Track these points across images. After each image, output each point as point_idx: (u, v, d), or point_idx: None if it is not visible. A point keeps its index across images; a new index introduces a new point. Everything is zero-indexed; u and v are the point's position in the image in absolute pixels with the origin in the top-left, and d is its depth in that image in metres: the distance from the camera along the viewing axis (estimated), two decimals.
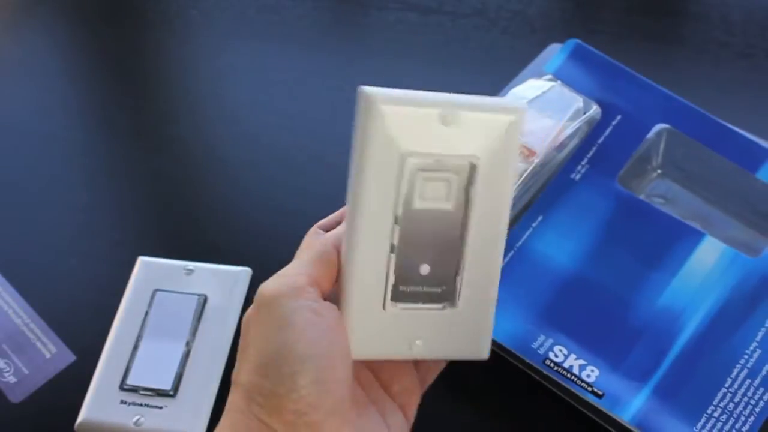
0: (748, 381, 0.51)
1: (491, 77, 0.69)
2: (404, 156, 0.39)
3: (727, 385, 0.51)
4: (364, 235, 0.40)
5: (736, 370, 0.51)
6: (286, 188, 0.67)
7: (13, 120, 0.75)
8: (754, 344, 0.52)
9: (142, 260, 0.62)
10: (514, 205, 0.57)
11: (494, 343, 0.53)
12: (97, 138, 0.73)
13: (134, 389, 0.56)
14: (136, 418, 0.55)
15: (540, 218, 0.57)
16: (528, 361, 0.53)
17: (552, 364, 0.52)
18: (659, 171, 0.60)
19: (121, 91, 0.77)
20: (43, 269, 0.64)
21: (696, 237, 0.55)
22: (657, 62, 0.71)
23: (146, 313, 0.59)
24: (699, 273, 0.54)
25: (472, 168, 0.40)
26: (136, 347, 0.58)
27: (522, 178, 0.57)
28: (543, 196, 0.57)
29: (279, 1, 0.80)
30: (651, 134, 0.59)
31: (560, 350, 0.52)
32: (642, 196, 0.59)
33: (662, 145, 0.60)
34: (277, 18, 0.79)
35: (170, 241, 0.65)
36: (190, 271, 0.61)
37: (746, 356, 0.51)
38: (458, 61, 0.73)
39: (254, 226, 0.66)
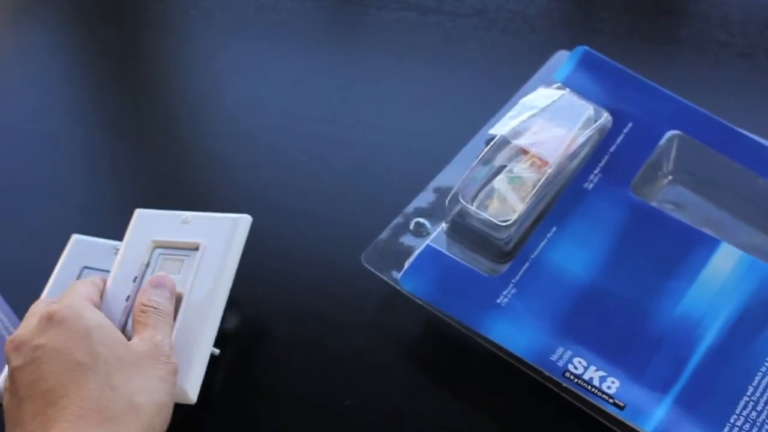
0: None
1: (491, 77, 0.69)
2: (151, 242, 0.58)
3: (749, 394, 0.50)
4: (113, 286, 0.56)
5: (757, 378, 0.50)
6: (286, 188, 0.67)
7: (13, 120, 0.75)
8: None
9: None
10: (527, 216, 0.56)
11: (512, 355, 0.53)
12: (97, 138, 0.73)
13: None
14: None
15: (554, 229, 0.56)
16: (547, 373, 0.52)
17: (572, 377, 0.51)
18: (670, 177, 0.60)
19: (121, 91, 0.77)
20: (43, 269, 0.64)
21: (712, 244, 0.55)
22: (657, 62, 0.71)
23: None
24: (716, 280, 0.53)
25: (197, 249, 0.56)
26: None
27: (535, 189, 0.56)
28: (556, 206, 0.57)
29: (279, 1, 0.80)
30: (662, 141, 0.59)
31: (579, 362, 0.52)
32: (653, 203, 0.58)
33: (673, 151, 0.59)
34: (277, 18, 0.79)
35: None
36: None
37: (767, 364, 0.51)
38: (458, 61, 0.73)
39: (254, 226, 0.66)
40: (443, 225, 0.58)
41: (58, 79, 0.79)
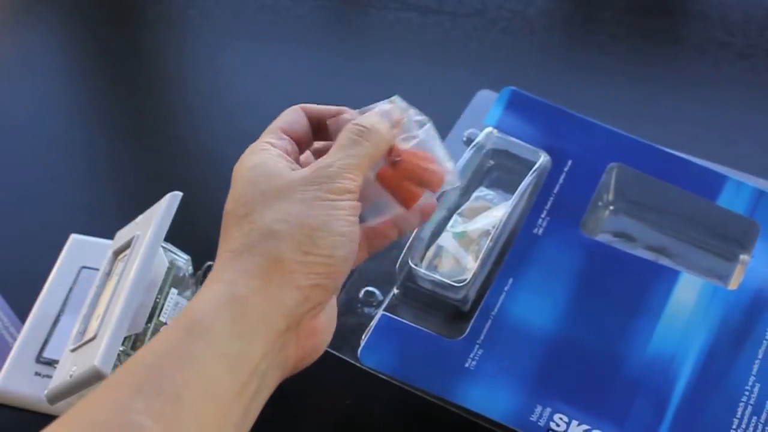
0: (754, 419, 0.49)
1: (491, 77, 0.69)
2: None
3: (734, 426, 0.49)
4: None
5: (740, 409, 0.49)
6: None
7: (13, 120, 0.75)
8: (752, 379, 0.50)
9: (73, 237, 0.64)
10: (480, 270, 0.54)
11: (490, 421, 0.51)
12: (97, 138, 0.73)
13: (50, 362, 0.57)
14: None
15: (511, 281, 0.54)
16: None
17: None
18: (611, 207, 0.58)
19: (121, 91, 0.77)
20: (43, 269, 0.64)
21: (671, 277, 0.53)
22: (657, 62, 0.71)
23: (70, 289, 0.60)
24: (682, 314, 0.52)
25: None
26: (56, 322, 0.59)
27: (485, 240, 0.54)
28: (509, 256, 0.55)
29: (279, 0, 0.80)
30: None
31: (561, 418, 0.50)
32: (599, 236, 0.57)
33: (612, 181, 0.58)
34: (277, 18, 0.79)
35: (170, 241, 0.65)
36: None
37: (747, 393, 0.50)
38: (458, 61, 0.73)
39: None
40: (394, 290, 0.56)
41: (58, 79, 0.79)
